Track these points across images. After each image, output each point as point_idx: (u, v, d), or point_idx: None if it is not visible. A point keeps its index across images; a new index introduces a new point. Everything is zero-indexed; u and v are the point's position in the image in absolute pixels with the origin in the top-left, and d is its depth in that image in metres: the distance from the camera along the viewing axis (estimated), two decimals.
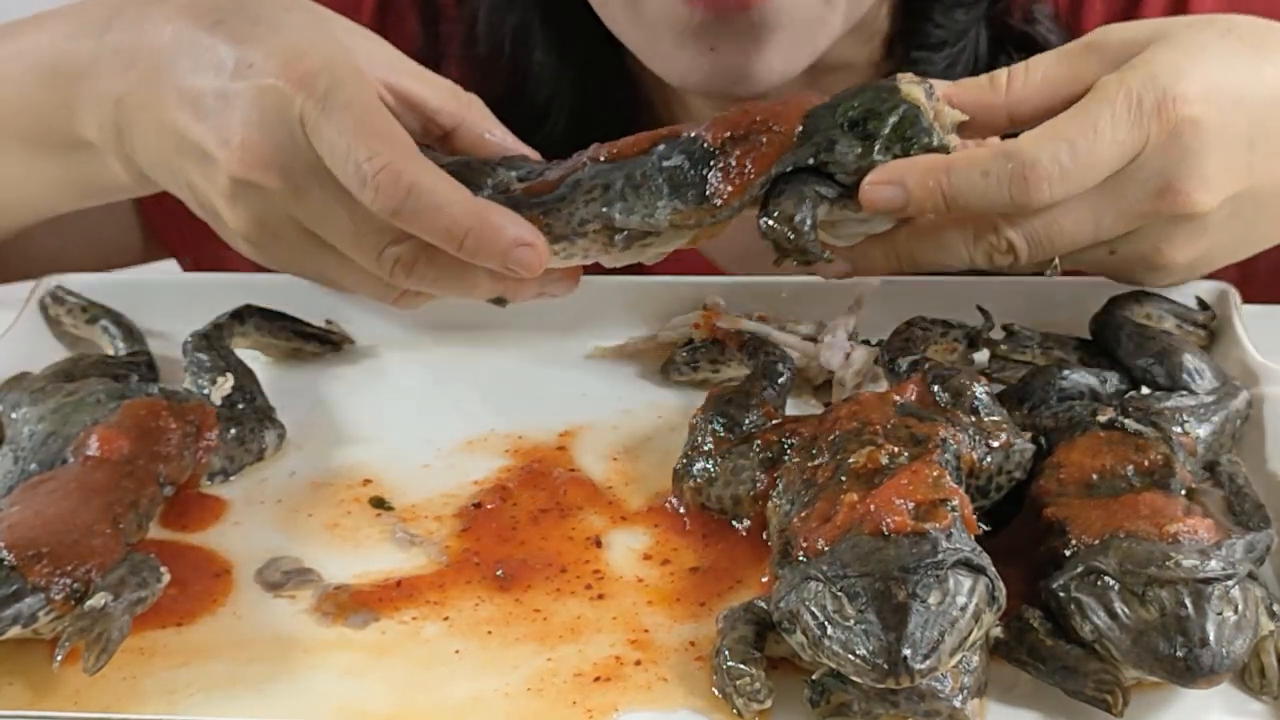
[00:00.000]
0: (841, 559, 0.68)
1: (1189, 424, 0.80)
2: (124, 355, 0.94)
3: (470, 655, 0.73)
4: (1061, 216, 0.83)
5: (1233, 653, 0.66)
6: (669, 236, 0.84)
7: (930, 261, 0.86)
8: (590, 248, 0.85)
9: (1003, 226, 0.83)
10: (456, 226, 0.80)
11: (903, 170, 0.81)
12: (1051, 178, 0.80)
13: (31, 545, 0.71)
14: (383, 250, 0.83)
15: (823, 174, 0.82)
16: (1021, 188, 0.80)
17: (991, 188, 0.80)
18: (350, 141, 0.81)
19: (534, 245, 0.81)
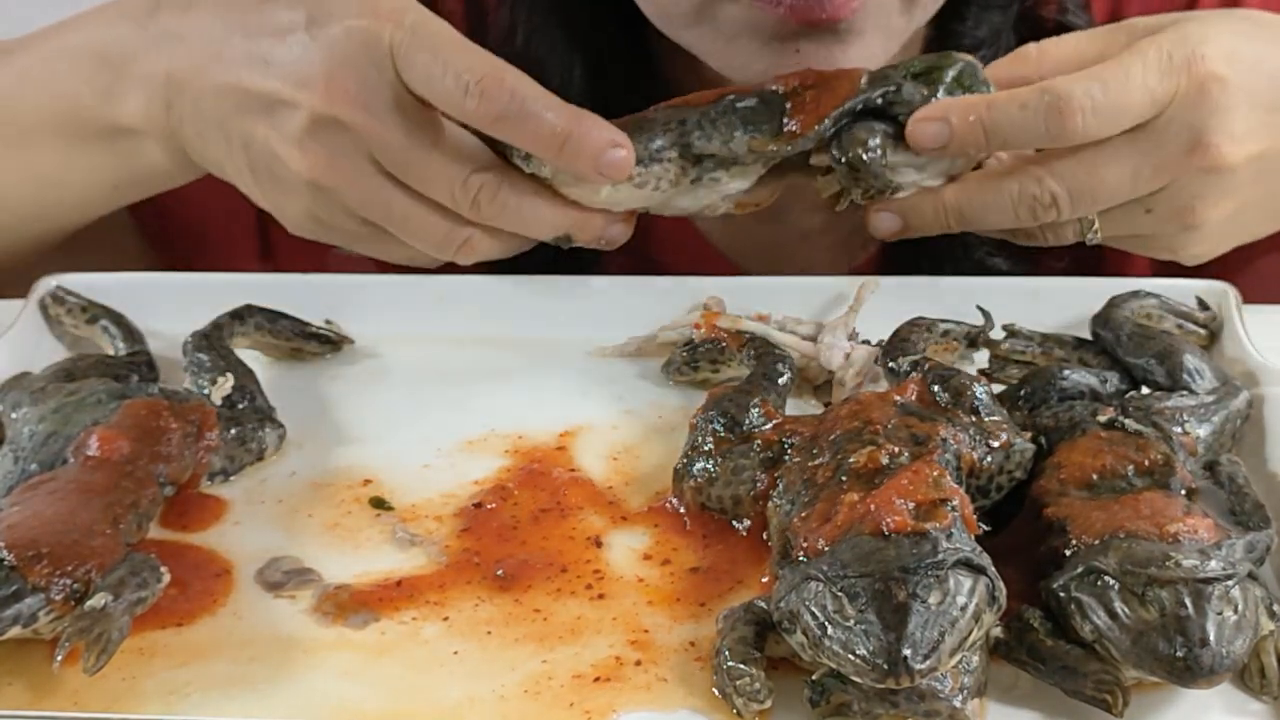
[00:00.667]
0: (841, 559, 0.68)
1: (1189, 424, 0.80)
2: (124, 355, 0.94)
3: (468, 656, 0.73)
4: (1100, 167, 0.88)
5: (1233, 653, 0.66)
6: (739, 172, 0.90)
7: (977, 218, 0.91)
8: (664, 176, 0.89)
9: (1045, 178, 0.88)
10: (558, 128, 0.85)
11: (946, 107, 0.87)
12: (1085, 110, 0.85)
13: (32, 545, 0.71)
14: (469, 176, 0.87)
15: (888, 117, 0.88)
16: (1056, 120, 0.85)
17: (1029, 120, 0.86)
18: (448, 58, 0.85)
19: (625, 147, 0.87)
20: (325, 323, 0.97)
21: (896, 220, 0.92)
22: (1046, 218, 0.89)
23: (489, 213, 0.89)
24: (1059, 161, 0.89)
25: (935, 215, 0.91)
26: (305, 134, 0.88)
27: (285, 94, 0.88)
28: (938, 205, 0.91)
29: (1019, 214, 0.89)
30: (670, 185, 0.89)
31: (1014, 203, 0.89)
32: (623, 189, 0.89)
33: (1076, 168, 0.88)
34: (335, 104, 0.87)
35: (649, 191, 0.90)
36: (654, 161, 0.89)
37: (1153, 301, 0.92)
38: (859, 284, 0.95)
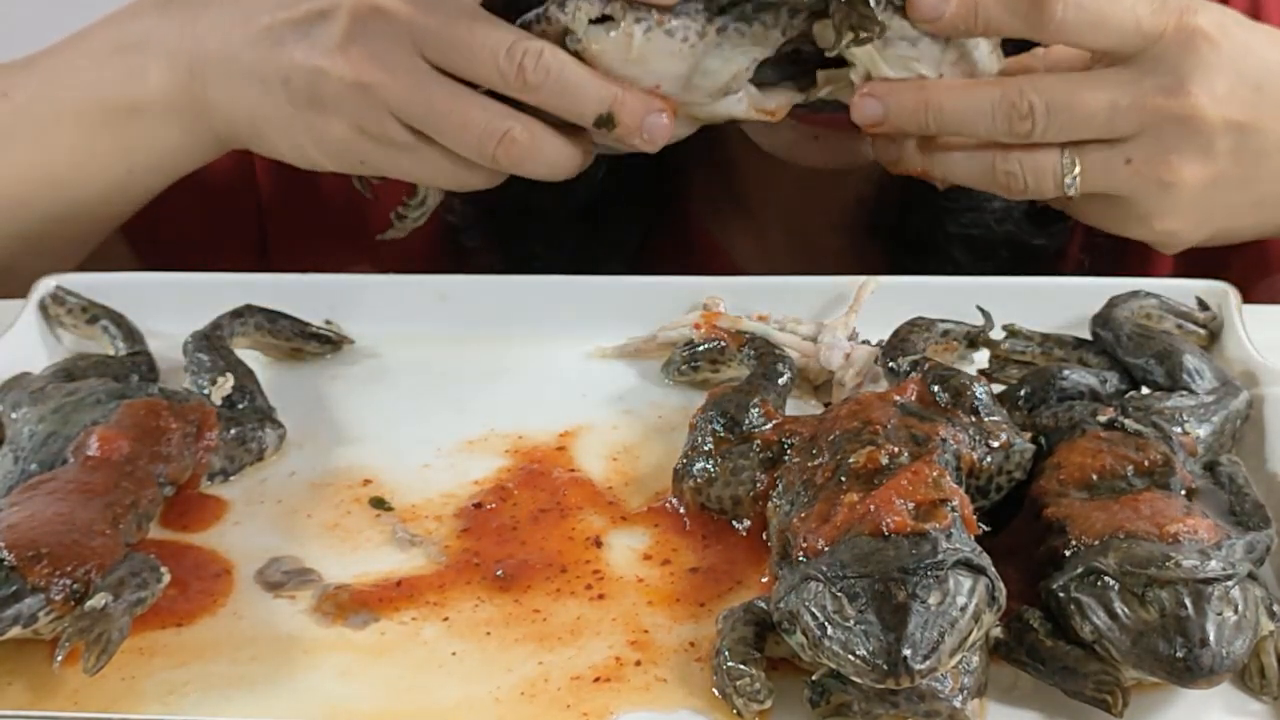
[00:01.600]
0: (841, 559, 0.68)
1: (1189, 424, 0.80)
2: (124, 355, 0.94)
3: (467, 657, 0.73)
4: (1080, 88, 0.90)
5: (1232, 653, 0.66)
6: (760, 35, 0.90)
7: (956, 119, 0.91)
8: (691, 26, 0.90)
9: (1026, 88, 0.90)
10: None
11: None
12: (1066, 2, 0.87)
13: (31, 546, 0.71)
14: (511, 44, 0.89)
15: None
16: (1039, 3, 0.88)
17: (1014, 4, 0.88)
18: None
19: None
20: (325, 323, 0.97)
21: (879, 106, 0.92)
22: (1021, 128, 0.90)
23: (535, 79, 0.89)
24: (1040, 77, 0.91)
25: (916, 109, 0.92)
26: (345, 37, 0.91)
27: (323, 3, 0.91)
28: (919, 99, 0.91)
29: (996, 120, 0.91)
30: (698, 37, 0.90)
31: (993, 106, 0.90)
32: (655, 38, 0.89)
33: (1057, 84, 0.90)
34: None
35: (678, 43, 0.90)
36: (681, 11, 0.89)
37: (1153, 301, 0.92)
38: (859, 284, 0.95)
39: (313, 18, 0.92)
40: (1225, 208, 0.94)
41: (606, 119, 0.92)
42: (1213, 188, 0.92)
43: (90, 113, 1.01)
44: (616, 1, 0.90)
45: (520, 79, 0.89)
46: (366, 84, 0.91)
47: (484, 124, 0.91)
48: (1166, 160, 0.91)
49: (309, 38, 0.92)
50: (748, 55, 0.91)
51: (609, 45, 0.90)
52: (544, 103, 0.91)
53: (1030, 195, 0.93)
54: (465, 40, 0.89)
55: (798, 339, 0.92)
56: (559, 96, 0.90)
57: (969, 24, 0.89)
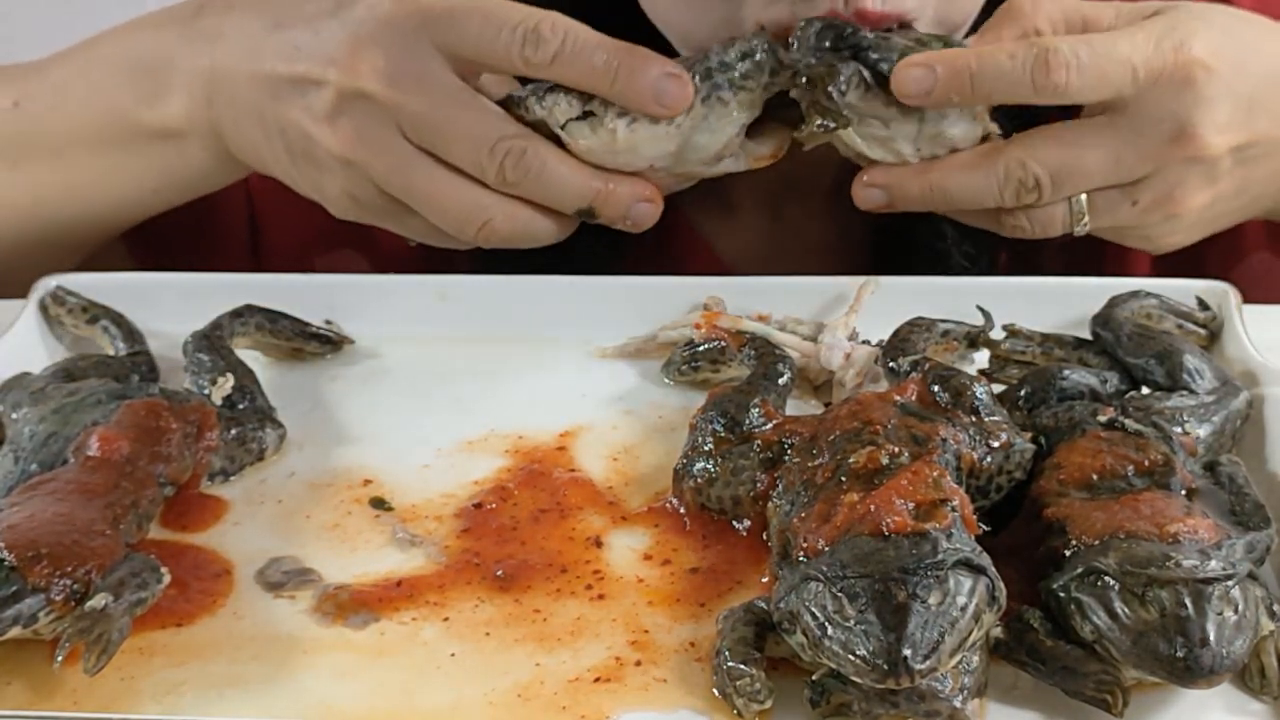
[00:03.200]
0: (841, 559, 0.68)
1: (1189, 424, 0.80)
2: (124, 355, 0.94)
3: (465, 658, 0.73)
4: (1083, 150, 0.90)
5: (1233, 653, 0.66)
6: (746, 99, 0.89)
7: (960, 196, 0.92)
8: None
9: (1028, 160, 0.90)
10: (611, 61, 0.87)
11: (934, 56, 0.89)
12: (1069, 66, 0.87)
13: (32, 546, 0.71)
14: (495, 143, 0.89)
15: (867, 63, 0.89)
16: (1042, 71, 0.87)
17: (1015, 70, 0.87)
18: (496, 20, 0.88)
19: (680, 78, 0.88)
20: (325, 323, 0.97)
21: (881, 195, 0.92)
22: (1029, 199, 0.91)
23: (514, 177, 0.89)
24: (1041, 144, 0.90)
25: (921, 193, 0.92)
26: (334, 110, 0.90)
27: (314, 73, 0.91)
28: (923, 183, 0.92)
29: (1004, 195, 0.91)
30: (684, 115, 0.89)
31: (999, 183, 0.90)
32: (640, 129, 0.89)
33: (1059, 150, 0.90)
34: (360, 77, 0.89)
35: (664, 127, 0.89)
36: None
37: (1153, 301, 0.92)
38: (859, 284, 0.95)
39: (305, 82, 0.91)
40: (1222, 215, 0.96)
41: (587, 211, 0.91)
42: (1213, 204, 0.93)
43: (112, 134, 1.00)
44: (596, 99, 0.89)
45: (500, 175, 0.89)
46: (350, 160, 0.91)
47: (463, 211, 0.91)
48: (1172, 196, 0.91)
49: (303, 99, 0.92)
50: (735, 123, 0.90)
51: (594, 141, 0.90)
52: (524, 195, 0.90)
53: (1039, 237, 0.94)
54: (446, 129, 0.89)
55: (798, 339, 0.92)
56: (539, 191, 0.90)
57: (964, 95, 0.89)
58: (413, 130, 0.90)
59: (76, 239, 1.06)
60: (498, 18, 0.88)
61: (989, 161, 0.91)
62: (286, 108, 0.92)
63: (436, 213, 0.91)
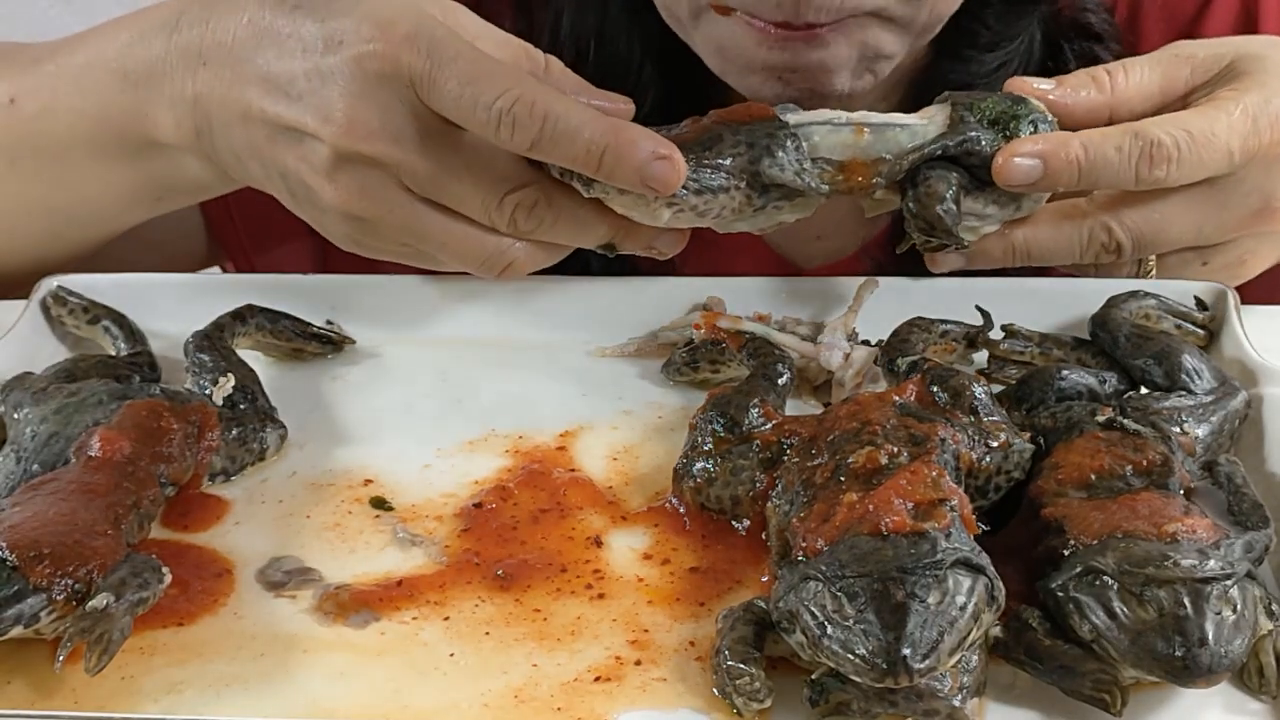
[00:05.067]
0: (840, 559, 0.68)
1: (1187, 424, 0.81)
2: (126, 355, 0.94)
3: (464, 659, 0.73)
4: (1169, 219, 0.90)
5: (1231, 652, 0.66)
6: (802, 204, 0.87)
7: (1043, 255, 0.92)
8: (728, 205, 0.86)
9: (1115, 227, 0.90)
10: (595, 144, 0.82)
11: (1040, 144, 0.87)
12: (1171, 159, 0.87)
13: (33, 546, 0.71)
14: (503, 197, 0.85)
15: (959, 165, 0.88)
16: (1146, 164, 0.87)
17: (1121, 163, 0.87)
18: (473, 88, 0.82)
19: (671, 159, 0.82)
20: (326, 323, 0.97)
21: (961, 260, 0.93)
22: (1108, 259, 0.92)
23: (528, 228, 0.87)
24: (1129, 210, 0.90)
25: (1003, 255, 0.92)
26: (333, 167, 0.87)
27: (309, 127, 0.86)
28: (1006, 246, 0.92)
29: (1084, 256, 0.92)
30: (733, 214, 0.87)
31: (1080, 246, 0.91)
32: (684, 216, 0.85)
33: (1147, 217, 0.90)
34: (358, 140, 0.85)
35: (710, 219, 0.86)
36: (721, 191, 0.85)
37: (1151, 302, 0.92)
38: (859, 284, 0.95)
39: (298, 131, 0.87)
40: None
41: (608, 246, 0.89)
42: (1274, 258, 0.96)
43: (107, 143, 0.98)
44: None
45: (513, 226, 0.87)
46: (356, 215, 0.88)
47: (483, 256, 0.88)
48: (1242, 261, 0.93)
49: (299, 148, 0.88)
50: (782, 219, 0.88)
51: (635, 212, 0.85)
52: (541, 239, 0.88)
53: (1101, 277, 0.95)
54: (453, 186, 0.86)
55: (797, 339, 0.92)
56: (557, 237, 0.88)
57: (1071, 182, 0.88)
58: (418, 186, 0.86)
59: (86, 235, 1.04)
60: (475, 89, 0.82)
61: (1073, 223, 0.91)
62: (284, 153, 0.89)
63: (455, 259, 0.89)
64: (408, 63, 0.84)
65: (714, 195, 0.85)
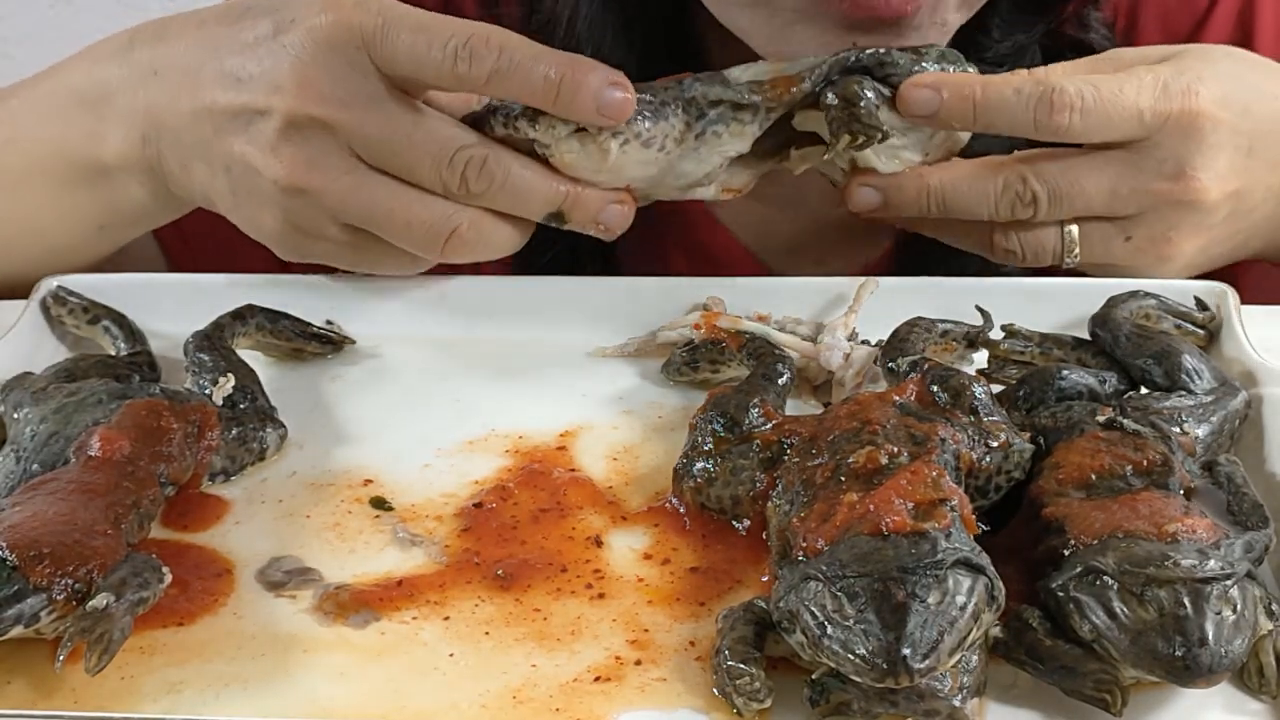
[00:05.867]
0: (841, 559, 0.68)
1: (1187, 424, 0.81)
2: (125, 355, 0.94)
3: (464, 659, 0.73)
4: (1083, 175, 0.90)
5: (1231, 652, 0.66)
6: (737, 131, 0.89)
7: (957, 204, 0.92)
8: (670, 134, 0.88)
9: (1029, 176, 0.91)
10: (552, 75, 0.84)
11: (941, 78, 0.89)
12: (1074, 107, 0.88)
13: (33, 546, 0.71)
14: (454, 154, 0.86)
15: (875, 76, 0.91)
16: (1045, 110, 0.88)
17: (1019, 105, 0.88)
18: (427, 34, 0.85)
19: (623, 85, 0.85)
20: (326, 323, 0.97)
21: (876, 196, 0.93)
22: (1024, 214, 0.91)
23: (478, 187, 0.87)
24: (1044, 162, 0.91)
25: (917, 196, 0.92)
26: (280, 138, 0.87)
27: (258, 102, 0.88)
28: (920, 186, 0.92)
29: (999, 206, 0.91)
30: (675, 144, 0.89)
31: (996, 194, 0.91)
32: (631, 149, 0.88)
33: (1060, 171, 0.91)
34: (308, 103, 0.86)
35: (655, 152, 0.88)
36: (660, 117, 0.88)
37: (1151, 302, 0.92)
38: (859, 284, 0.95)
39: (248, 112, 0.89)
40: (1212, 259, 0.96)
41: (557, 216, 0.90)
42: (1205, 248, 0.94)
43: (58, 169, 0.99)
44: None
45: (463, 187, 0.87)
46: (300, 188, 0.88)
47: (430, 224, 0.88)
48: (1166, 238, 0.92)
49: (246, 132, 0.89)
50: (723, 155, 0.91)
51: (582, 157, 0.88)
52: (489, 205, 0.89)
53: (1028, 265, 0.94)
54: (404, 147, 0.87)
55: (797, 339, 0.92)
56: (505, 200, 0.88)
57: (965, 120, 0.90)
58: (367, 151, 0.87)
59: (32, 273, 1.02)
60: (429, 33, 0.85)
61: (989, 171, 0.92)
62: (230, 140, 0.89)
63: (400, 230, 0.89)
64: (359, 22, 0.86)
65: (654, 122, 0.87)
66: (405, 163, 0.87)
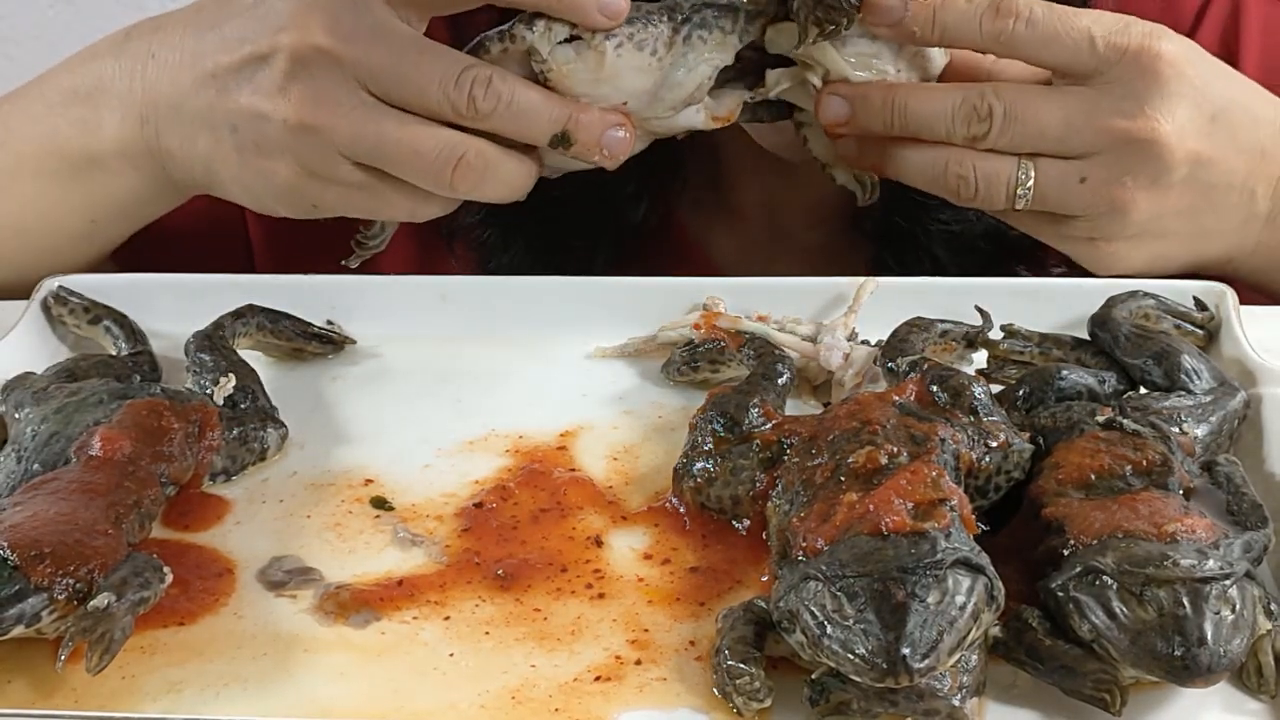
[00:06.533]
0: (840, 559, 0.68)
1: (1187, 424, 0.81)
2: (126, 355, 0.94)
3: (463, 659, 0.73)
4: (1040, 99, 0.90)
5: (1230, 652, 0.67)
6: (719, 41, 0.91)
7: (918, 117, 0.92)
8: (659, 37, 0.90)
9: (987, 92, 0.91)
10: None
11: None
12: (1021, 16, 0.89)
13: (34, 545, 0.71)
14: (460, 74, 0.87)
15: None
16: (990, 15, 0.89)
17: (969, 12, 0.90)
18: None
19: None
20: (327, 323, 0.97)
21: (845, 106, 0.93)
22: (979, 129, 0.91)
23: (485, 107, 0.88)
24: (1004, 84, 0.92)
25: (882, 107, 0.92)
26: (286, 77, 0.89)
27: (261, 49, 0.89)
28: (886, 98, 0.92)
29: (955, 121, 0.91)
30: (665, 49, 0.90)
31: (954, 107, 0.91)
32: (625, 52, 0.89)
33: (1018, 93, 0.91)
34: (314, 34, 0.88)
35: (647, 56, 0.90)
36: (648, 23, 0.90)
37: (1150, 302, 0.92)
38: (859, 284, 0.95)
39: (253, 61, 0.90)
40: (1170, 236, 0.95)
41: (562, 138, 0.91)
42: (1162, 215, 0.93)
43: (49, 164, 0.99)
44: None
45: (471, 107, 0.88)
46: (310, 125, 0.89)
47: (437, 150, 0.89)
48: (1121, 182, 0.91)
49: (251, 82, 0.90)
50: (710, 64, 0.92)
51: (578, 65, 0.90)
52: (496, 128, 0.89)
53: (981, 203, 0.93)
54: (411, 73, 0.88)
55: (797, 339, 0.92)
56: (512, 121, 0.89)
57: (925, 32, 0.90)
58: (374, 82, 0.88)
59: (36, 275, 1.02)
60: None
61: (953, 89, 0.92)
62: (235, 96, 0.91)
63: (409, 159, 0.90)
64: None
65: (644, 26, 0.90)
66: (414, 88, 0.88)
